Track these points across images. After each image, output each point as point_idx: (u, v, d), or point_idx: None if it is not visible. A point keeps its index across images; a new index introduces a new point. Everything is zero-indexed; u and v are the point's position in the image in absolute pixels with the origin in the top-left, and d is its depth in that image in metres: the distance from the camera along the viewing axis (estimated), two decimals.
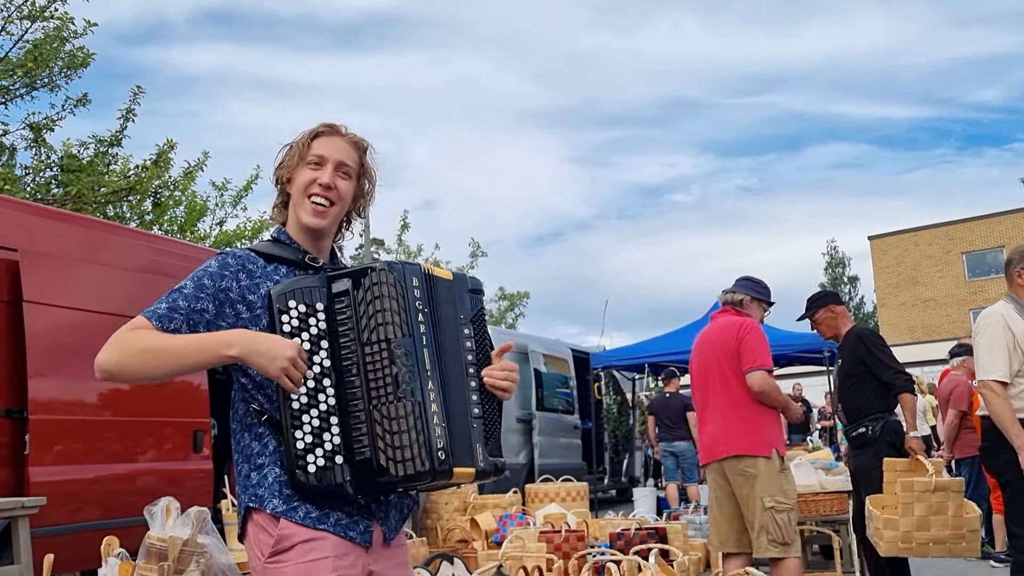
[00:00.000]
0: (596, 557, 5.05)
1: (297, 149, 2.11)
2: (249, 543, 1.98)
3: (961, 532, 4.56)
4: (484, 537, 6.27)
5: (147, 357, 1.89)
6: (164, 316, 1.95)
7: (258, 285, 2.02)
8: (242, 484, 2.00)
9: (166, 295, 2.00)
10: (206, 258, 7.44)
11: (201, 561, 3.36)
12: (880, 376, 5.22)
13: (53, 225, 5.44)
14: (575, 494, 7.81)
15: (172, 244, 7.10)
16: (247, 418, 2.02)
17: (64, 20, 10.46)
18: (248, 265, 2.04)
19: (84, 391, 5.41)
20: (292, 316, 1.92)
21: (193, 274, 2.03)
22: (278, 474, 1.94)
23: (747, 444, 4.62)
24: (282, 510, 1.92)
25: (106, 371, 1.93)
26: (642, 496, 11.80)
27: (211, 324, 1.97)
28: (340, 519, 1.95)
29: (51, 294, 5.21)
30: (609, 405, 16.03)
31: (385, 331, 1.89)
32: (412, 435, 1.84)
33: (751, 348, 4.71)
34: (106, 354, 1.93)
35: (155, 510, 3.51)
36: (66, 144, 10.88)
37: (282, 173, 2.14)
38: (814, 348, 11.29)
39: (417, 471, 1.84)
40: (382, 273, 1.92)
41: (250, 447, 2.00)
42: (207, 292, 1.98)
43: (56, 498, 4.80)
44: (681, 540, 6.51)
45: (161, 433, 5.85)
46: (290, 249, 2.11)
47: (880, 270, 39.95)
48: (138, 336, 1.91)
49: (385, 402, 1.86)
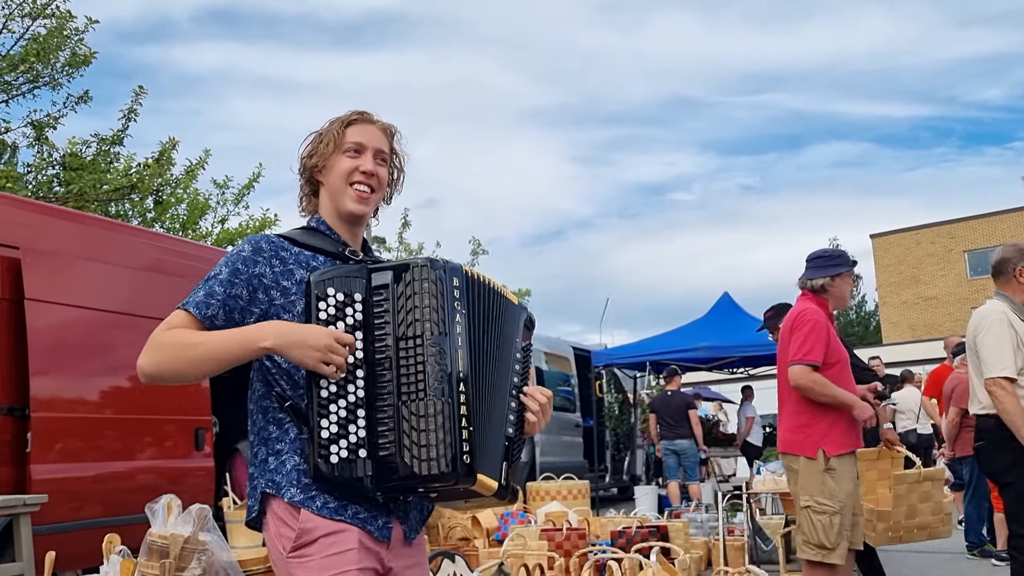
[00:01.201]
0: (597, 555, 5.05)
1: (331, 137, 2.10)
2: (269, 535, 1.95)
3: (940, 516, 4.83)
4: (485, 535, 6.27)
5: (184, 356, 1.87)
6: (201, 303, 1.92)
7: (291, 271, 2.00)
8: (258, 467, 1.97)
9: (203, 282, 1.97)
10: (208, 256, 7.42)
11: (203, 559, 3.36)
12: None
13: (55, 223, 5.45)
14: (576, 492, 7.81)
15: (174, 242, 7.10)
16: (266, 401, 1.99)
17: (66, 17, 10.46)
18: (281, 251, 2.02)
19: (86, 389, 5.42)
20: (329, 303, 1.89)
21: (226, 258, 1.99)
22: (297, 462, 1.91)
23: (790, 442, 4.41)
24: (300, 499, 1.89)
25: (147, 374, 1.90)
26: (643, 494, 11.82)
27: (245, 311, 1.95)
28: (358, 512, 1.91)
29: (53, 292, 5.22)
30: (610, 403, 16.04)
31: (421, 327, 1.85)
32: (439, 435, 1.81)
33: (797, 340, 4.38)
34: (145, 357, 1.90)
35: (156, 508, 3.50)
36: (71, 142, 10.88)
37: (315, 162, 2.12)
38: None
39: (441, 471, 1.81)
40: (424, 269, 1.89)
41: (267, 430, 1.97)
42: (241, 278, 1.96)
43: (58, 496, 4.80)
44: (682, 538, 6.51)
45: (162, 431, 5.85)
46: (329, 240, 2.09)
47: (882, 268, 39.91)
48: (174, 336, 1.89)
49: (415, 399, 1.83)
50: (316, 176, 2.13)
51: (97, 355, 5.54)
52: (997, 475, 4.28)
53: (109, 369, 5.60)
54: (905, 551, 7.92)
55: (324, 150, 2.10)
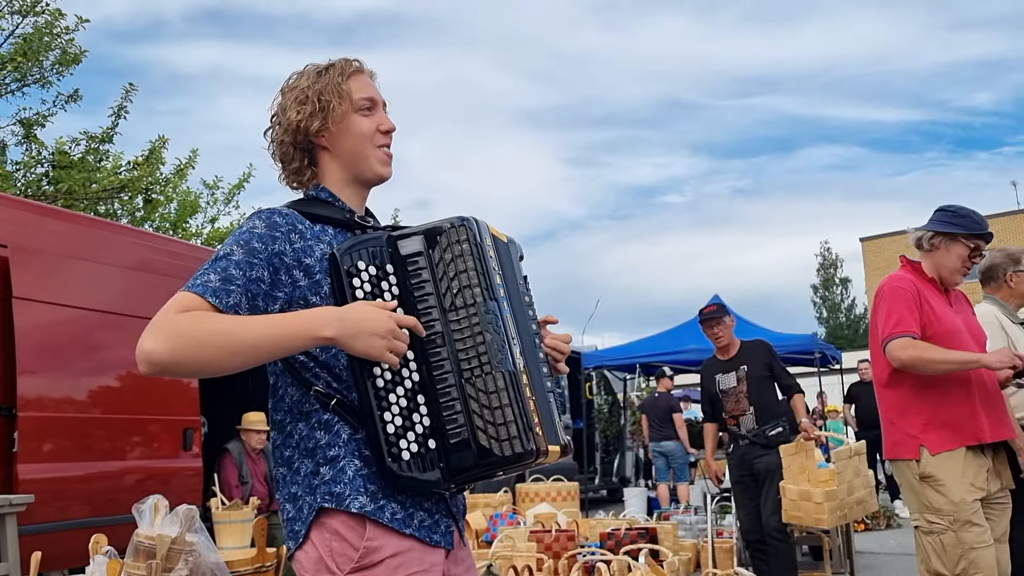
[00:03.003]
0: (586, 557, 5.05)
1: (334, 93, 1.82)
2: (316, 554, 1.66)
3: (869, 490, 5.22)
4: (474, 536, 6.26)
5: (213, 345, 1.54)
6: (220, 290, 1.60)
7: (311, 247, 1.73)
8: (305, 482, 1.69)
9: (210, 264, 1.65)
10: (198, 255, 7.39)
11: (189, 560, 3.34)
12: (781, 380, 5.76)
13: (43, 221, 5.41)
14: (565, 494, 7.81)
15: (163, 241, 7.08)
16: (305, 405, 1.71)
17: (55, 16, 10.42)
18: (298, 225, 1.73)
19: (73, 388, 5.39)
20: (363, 279, 1.67)
21: (236, 236, 1.69)
22: (359, 466, 1.66)
23: (889, 445, 3.59)
24: (370, 509, 1.64)
25: (156, 363, 1.53)
26: (632, 496, 11.82)
27: (268, 296, 1.66)
28: (423, 520, 1.70)
29: (41, 291, 5.19)
30: (600, 405, 16.04)
31: (472, 294, 1.67)
32: (514, 409, 1.63)
33: (883, 313, 3.54)
34: (156, 343, 1.52)
35: (143, 508, 3.48)
36: (59, 142, 10.83)
37: (317, 125, 1.82)
38: (805, 349, 11.32)
39: (524, 449, 1.63)
40: (461, 230, 1.70)
41: (312, 438, 1.69)
42: (260, 257, 1.66)
43: (44, 495, 4.78)
44: (671, 540, 6.52)
45: (150, 431, 5.83)
46: (334, 208, 1.82)
47: (872, 271, 40.02)
48: (197, 320, 1.55)
49: (479, 374, 1.64)
50: (318, 141, 1.84)
51: (85, 354, 5.51)
52: None
53: (97, 369, 5.58)
54: (896, 554, 7.95)
55: (329, 109, 1.82)
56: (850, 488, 5.05)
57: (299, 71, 1.88)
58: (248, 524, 4.84)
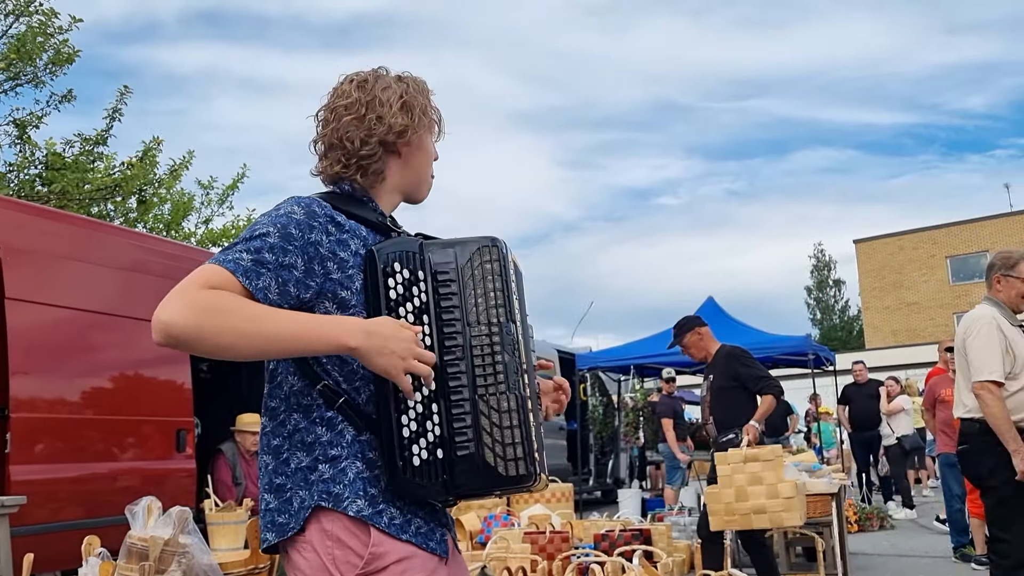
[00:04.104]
0: (580, 558, 5.05)
1: (426, 112, 1.87)
2: (318, 558, 1.63)
3: (780, 501, 4.96)
4: (468, 538, 6.25)
5: (239, 329, 1.51)
6: (251, 271, 1.57)
7: (346, 241, 1.71)
8: (297, 476, 1.66)
9: (243, 240, 1.62)
10: (192, 256, 7.36)
11: (183, 561, 3.33)
12: (751, 387, 5.67)
13: (36, 222, 5.40)
14: (560, 495, 7.79)
15: (157, 242, 7.06)
16: (306, 398, 1.69)
17: (48, 15, 10.39)
18: (336, 217, 1.72)
19: (66, 389, 5.37)
20: (398, 281, 1.67)
21: (272, 218, 1.66)
22: (360, 469, 1.64)
23: None
24: (368, 514, 1.62)
25: (173, 336, 1.49)
26: (627, 497, 11.82)
27: (300, 284, 1.63)
28: (420, 527, 1.69)
29: (34, 291, 5.17)
30: (595, 406, 16.04)
31: (497, 313, 1.69)
32: (522, 432, 1.65)
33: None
34: (177, 315, 1.48)
35: (136, 509, 3.47)
36: (48, 143, 10.78)
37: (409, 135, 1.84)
38: (799, 351, 11.33)
39: (527, 472, 1.65)
40: (493, 250, 1.73)
41: (311, 432, 1.67)
42: (295, 244, 1.63)
43: (37, 497, 4.75)
44: (665, 542, 6.51)
45: (143, 432, 5.81)
46: (368, 208, 1.81)
47: (865, 273, 40.13)
48: (225, 300, 1.52)
49: (494, 392, 1.65)
50: (399, 148, 1.84)
51: (78, 355, 5.50)
52: (980, 479, 4.30)
53: (90, 370, 5.56)
54: (889, 555, 7.96)
55: (421, 123, 1.86)
56: (741, 494, 4.96)
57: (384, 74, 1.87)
58: (242, 526, 4.82)
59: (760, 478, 4.95)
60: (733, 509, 4.99)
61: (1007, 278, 4.32)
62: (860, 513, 9.93)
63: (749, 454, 5.02)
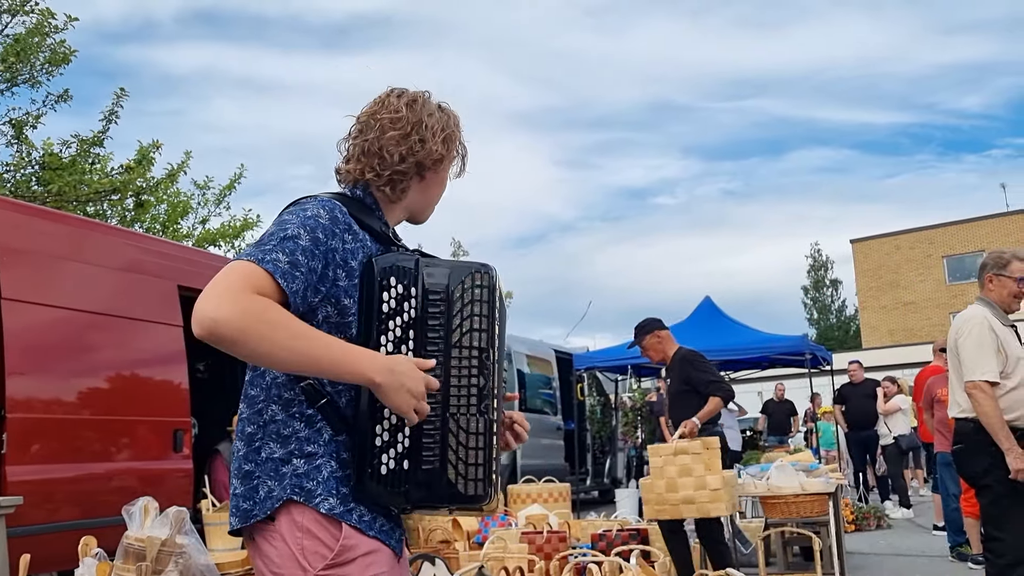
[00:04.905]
0: (578, 558, 5.05)
1: (457, 148, 1.98)
2: (287, 548, 1.69)
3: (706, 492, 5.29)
4: (466, 538, 6.25)
5: (278, 344, 1.56)
6: (288, 273, 1.62)
7: (357, 250, 1.76)
8: (268, 466, 1.70)
9: (277, 240, 1.66)
10: (189, 256, 7.34)
11: (180, 562, 3.33)
12: (700, 390, 5.77)
13: (33, 222, 5.39)
14: (557, 495, 7.79)
15: (153, 242, 7.04)
16: (288, 392, 1.72)
17: (45, 15, 10.38)
18: (352, 225, 1.78)
19: (62, 390, 5.36)
20: (391, 295, 1.73)
21: (301, 219, 1.71)
22: (334, 468, 1.70)
23: None
24: (339, 511, 1.68)
25: (216, 334, 1.52)
26: (624, 497, 11.82)
27: (315, 288, 1.69)
28: (383, 526, 1.75)
29: (30, 292, 5.16)
30: (592, 406, 16.05)
31: (480, 338, 1.75)
32: (486, 454, 1.73)
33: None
34: (227, 314, 1.52)
35: (133, 510, 3.48)
36: (45, 144, 10.77)
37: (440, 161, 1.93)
38: (796, 350, 11.35)
39: (483, 492, 1.73)
40: (485, 276, 1.78)
41: (288, 426, 1.71)
42: (320, 249, 1.69)
43: (33, 497, 4.74)
44: (663, 541, 6.51)
45: (140, 432, 5.80)
46: (374, 217, 1.87)
47: (862, 273, 40.16)
48: (274, 312, 1.57)
49: (465, 413, 1.72)
50: (424, 172, 1.93)
51: (74, 356, 5.49)
52: (974, 478, 4.31)
53: (87, 370, 5.55)
54: (886, 554, 7.98)
55: (452, 158, 1.98)
56: (671, 485, 5.28)
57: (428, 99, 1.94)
58: None
59: (689, 470, 5.26)
60: (664, 499, 5.30)
61: (999, 277, 4.33)
62: (857, 512, 9.95)
63: (679, 447, 5.32)
